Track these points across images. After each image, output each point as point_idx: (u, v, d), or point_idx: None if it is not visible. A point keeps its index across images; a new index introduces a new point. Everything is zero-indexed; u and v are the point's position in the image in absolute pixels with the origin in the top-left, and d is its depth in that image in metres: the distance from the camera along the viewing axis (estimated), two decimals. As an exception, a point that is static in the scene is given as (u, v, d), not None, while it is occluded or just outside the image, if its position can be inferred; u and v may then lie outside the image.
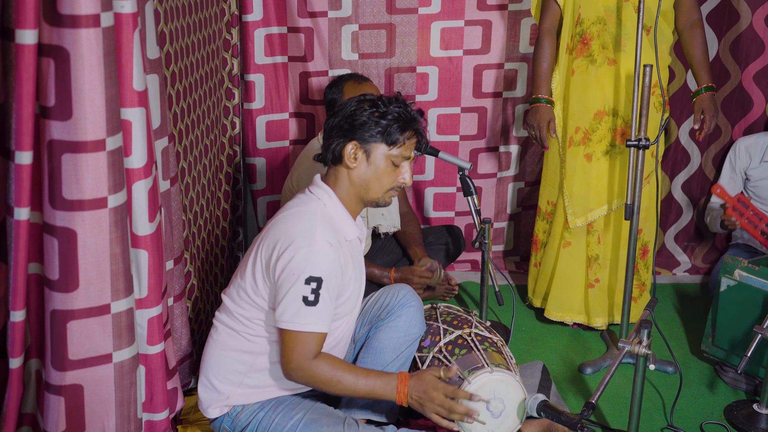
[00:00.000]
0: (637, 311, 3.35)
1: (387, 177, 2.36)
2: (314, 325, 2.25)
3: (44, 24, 1.88)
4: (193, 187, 2.99)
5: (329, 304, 2.27)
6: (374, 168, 2.35)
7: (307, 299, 2.23)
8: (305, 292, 2.22)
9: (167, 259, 2.50)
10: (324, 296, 2.24)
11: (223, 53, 3.50)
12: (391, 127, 2.32)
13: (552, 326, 3.48)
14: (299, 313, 2.24)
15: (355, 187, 2.37)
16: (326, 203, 2.35)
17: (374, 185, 2.37)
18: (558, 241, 3.38)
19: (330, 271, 2.25)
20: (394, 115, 2.33)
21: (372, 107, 2.34)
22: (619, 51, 3.13)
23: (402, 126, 2.33)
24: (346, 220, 2.38)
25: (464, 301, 3.73)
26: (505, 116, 3.93)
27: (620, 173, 3.22)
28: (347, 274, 2.34)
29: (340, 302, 2.35)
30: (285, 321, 2.25)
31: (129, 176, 2.14)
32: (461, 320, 2.70)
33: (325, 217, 2.32)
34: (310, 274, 2.22)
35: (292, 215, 2.33)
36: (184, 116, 2.84)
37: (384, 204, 2.42)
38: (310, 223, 2.28)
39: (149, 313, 2.28)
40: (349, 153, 2.33)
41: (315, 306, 2.24)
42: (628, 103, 3.14)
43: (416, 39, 3.76)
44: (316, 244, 2.23)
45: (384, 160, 2.35)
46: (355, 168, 2.35)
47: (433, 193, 4.01)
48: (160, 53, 2.36)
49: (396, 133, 2.32)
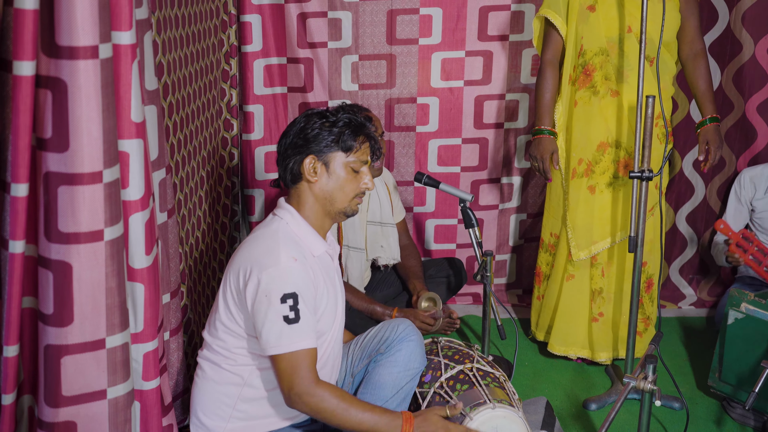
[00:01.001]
0: (642, 345, 3.34)
1: (349, 185, 2.39)
2: (302, 342, 2.24)
3: (42, 55, 1.89)
4: (190, 218, 2.99)
5: (311, 318, 2.27)
6: (335, 178, 2.38)
7: (288, 318, 2.22)
8: (284, 311, 2.22)
9: (164, 293, 2.49)
10: (303, 311, 2.24)
11: (222, 84, 3.52)
12: (344, 134, 2.35)
13: (555, 361, 3.46)
14: (283, 334, 2.22)
15: (320, 200, 2.39)
16: (288, 222, 2.38)
17: (338, 195, 2.39)
18: (561, 274, 3.37)
19: (302, 285, 2.25)
20: (344, 122, 2.37)
21: (321, 118, 2.38)
22: (622, 82, 3.14)
23: (354, 131, 2.37)
24: (311, 236, 2.39)
25: (466, 335, 3.72)
26: (507, 147, 3.94)
27: (624, 205, 3.22)
28: (319, 288, 2.34)
29: (317, 317, 2.34)
30: (272, 346, 2.24)
31: (126, 208, 2.14)
32: (463, 355, 2.69)
33: (287, 235, 2.34)
34: (283, 291, 2.22)
35: (255, 238, 2.36)
36: (182, 147, 2.85)
37: (352, 213, 2.44)
38: (271, 243, 2.30)
39: (145, 348, 2.27)
40: (307, 167, 2.36)
41: (298, 323, 2.23)
42: (631, 135, 3.15)
43: (417, 69, 3.79)
44: (281, 261, 2.24)
45: (343, 168, 2.37)
46: (317, 181, 2.37)
47: (434, 225, 4.01)
48: (158, 84, 2.37)
49: (349, 139, 2.36)
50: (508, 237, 4.09)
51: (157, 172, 2.39)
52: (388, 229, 3.48)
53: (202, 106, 3.15)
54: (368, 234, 3.44)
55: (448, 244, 4.03)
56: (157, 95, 2.34)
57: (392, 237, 3.49)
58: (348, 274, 3.39)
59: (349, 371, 2.65)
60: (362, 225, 3.42)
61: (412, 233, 3.98)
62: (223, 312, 2.36)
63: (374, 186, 2.44)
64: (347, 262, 3.38)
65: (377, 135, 3.25)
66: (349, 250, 3.36)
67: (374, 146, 2.44)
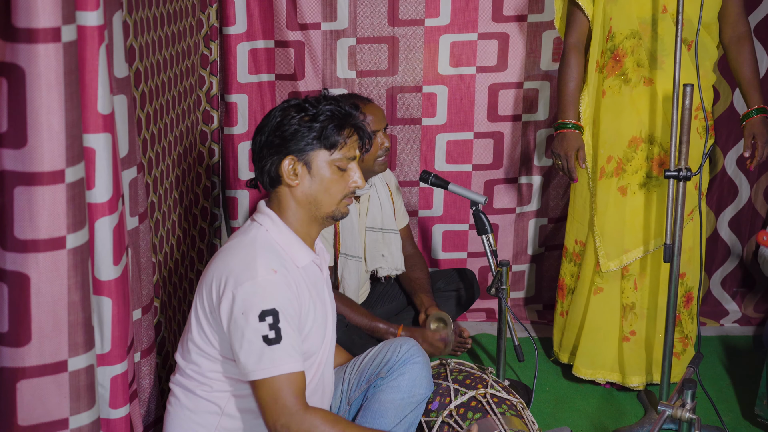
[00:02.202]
0: (680, 369, 3.34)
1: (336, 186, 2.37)
2: (286, 365, 2.22)
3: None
4: (164, 223, 2.99)
5: (295, 337, 2.25)
6: (319, 180, 2.35)
7: (268, 338, 2.21)
8: (262, 330, 2.21)
9: (134, 308, 2.49)
10: (286, 329, 2.22)
11: (201, 70, 3.53)
12: (327, 129, 2.32)
13: (581, 386, 3.47)
14: (264, 356, 2.21)
15: (303, 206, 2.37)
16: (269, 228, 2.36)
17: (324, 199, 2.37)
18: (588, 287, 3.37)
19: (283, 300, 2.24)
20: (326, 115, 2.34)
21: (300, 112, 2.35)
22: (656, 69, 3.15)
23: (338, 124, 2.34)
24: (295, 245, 2.37)
25: (478, 357, 3.72)
26: (525, 143, 3.94)
27: (659, 209, 3.22)
28: (304, 303, 2.33)
29: (302, 337, 2.32)
30: (251, 371, 2.23)
31: (91, 212, 2.14)
32: (475, 379, 2.69)
33: (267, 244, 2.32)
34: (261, 308, 2.21)
35: (230, 248, 2.35)
36: (155, 142, 2.86)
37: (341, 216, 2.42)
38: (248, 253, 2.29)
39: (112, 371, 2.26)
40: (287, 170, 2.34)
41: (279, 343, 2.21)
42: (666, 128, 3.16)
43: (422, 54, 3.79)
44: (259, 274, 2.23)
45: (328, 168, 2.35)
46: (298, 185, 2.35)
47: (442, 232, 4.01)
48: (128, 71, 2.37)
49: (333, 134, 2.33)
50: (526, 245, 4.09)
51: (128, 170, 2.39)
52: (390, 236, 3.48)
53: (178, 95, 3.15)
54: (367, 242, 3.44)
55: (458, 253, 4.03)
56: (127, 83, 2.34)
57: (394, 245, 3.49)
58: (344, 287, 3.39)
59: (345, 398, 2.64)
60: (360, 231, 3.42)
61: (417, 241, 3.98)
62: (195, 332, 2.35)
63: (365, 183, 2.42)
64: (344, 272, 3.37)
65: (381, 129, 3.25)
66: (347, 258, 3.36)
67: (363, 136, 2.41)
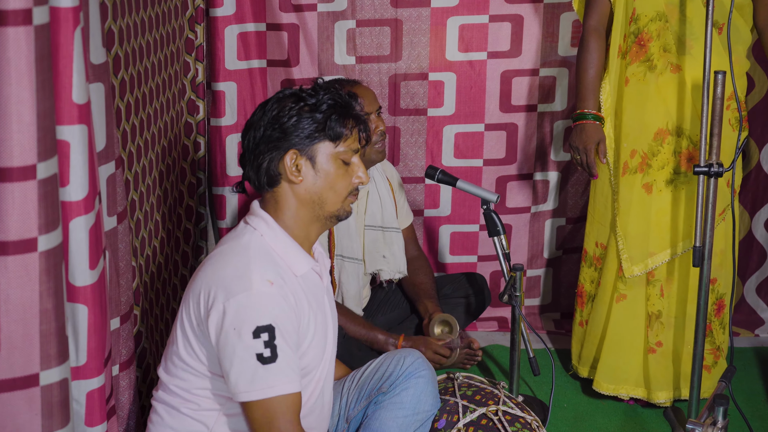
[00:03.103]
0: (711, 383, 3.34)
1: (341, 181, 2.38)
2: (282, 386, 2.23)
3: (-39, 21, 1.89)
4: (146, 224, 3.00)
5: (292, 355, 2.25)
6: (324, 175, 2.36)
7: (263, 356, 2.21)
8: (257, 348, 2.21)
9: (112, 317, 2.49)
10: (282, 347, 2.22)
11: (185, 56, 3.53)
12: (331, 119, 2.33)
13: (602, 402, 3.47)
14: (257, 376, 2.22)
15: (306, 204, 2.38)
16: (264, 233, 2.36)
17: (329, 196, 2.38)
18: (610, 294, 3.37)
19: (281, 315, 2.23)
20: (328, 104, 2.35)
21: (298, 101, 2.35)
22: (684, 54, 3.15)
23: (342, 114, 2.35)
24: (293, 252, 2.37)
25: (489, 370, 3.72)
26: (541, 135, 3.94)
27: (687, 208, 3.22)
28: (303, 315, 2.33)
29: (300, 353, 2.33)
30: (243, 392, 2.23)
31: (65, 211, 2.14)
32: (486, 395, 2.69)
33: (262, 251, 2.32)
34: (257, 324, 2.21)
35: (221, 254, 2.34)
36: (136, 135, 2.86)
37: (345, 215, 2.42)
38: (241, 261, 2.28)
39: (88, 386, 2.27)
40: (289, 166, 2.34)
41: (275, 362, 2.22)
42: (696, 120, 3.16)
43: (428, 38, 3.79)
44: (253, 286, 2.23)
45: (332, 161, 2.36)
46: (302, 181, 2.36)
47: (449, 233, 4.02)
48: (107, 56, 2.38)
49: (338, 124, 2.34)
50: (542, 247, 4.09)
51: (105, 165, 2.39)
52: (392, 235, 3.48)
53: (161, 83, 3.15)
54: (366, 241, 3.44)
55: (467, 256, 4.04)
56: (105, 70, 2.34)
57: (396, 245, 3.49)
58: (342, 292, 3.38)
59: (344, 415, 2.65)
60: (359, 230, 3.41)
61: (422, 242, 3.98)
62: (181, 345, 2.35)
63: (369, 179, 2.43)
64: (341, 275, 3.37)
65: (374, 112, 3.26)
66: (344, 260, 3.36)
67: (364, 129, 2.43)
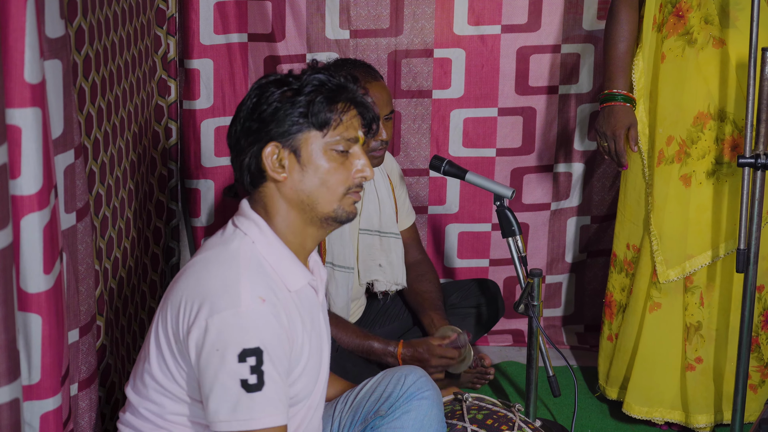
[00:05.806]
0: (757, 405, 3.34)
1: (335, 176, 2.33)
2: (266, 419, 2.22)
3: None
4: (114, 222, 2.99)
5: (280, 384, 2.24)
6: (312, 170, 2.31)
7: (247, 383, 2.20)
8: (242, 373, 2.20)
9: (70, 328, 2.49)
10: (270, 373, 2.21)
11: (156, 29, 3.53)
12: (314, 103, 2.28)
13: (633, 427, 3.47)
14: (240, 405, 2.21)
15: (296, 206, 2.34)
16: (255, 240, 2.33)
17: (321, 195, 2.33)
18: (643, 303, 3.38)
19: (271, 337, 2.22)
20: (313, 85, 2.30)
21: (281, 86, 2.31)
22: (728, 27, 3.15)
23: (329, 96, 2.30)
24: (287, 263, 2.35)
25: (503, 390, 3.72)
26: (563, 121, 3.94)
27: (730, 204, 3.22)
28: (296, 338, 2.32)
29: (290, 380, 2.32)
30: (222, 421, 2.22)
31: (16, 207, 2.14)
32: (498, 419, 2.69)
33: (254, 261, 2.29)
34: (243, 346, 2.20)
35: (206, 261, 2.32)
36: (103, 119, 2.86)
37: (346, 217, 2.37)
38: (230, 273, 2.26)
39: (43, 407, 2.27)
40: (270, 161, 2.31)
41: (261, 390, 2.21)
42: (741, 103, 3.16)
43: (434, 9, 3.79)
44: (242, 302, 2.21)
45: (322, 153, 2.31)
46: (286, 178, 2.32)
47: (458, 233, 4.02)
48: (66, 29, 2.37)
49: (323, 109, 2.29)
50: (564, 250, 4.09)
51: (63, 155, 2.39)
52: (390, 241, 3.47)
53: (131, 60, 3.15)
54: (360, 247, 3.43)
55: (478, 260, 4.04)
56: (64, 45, 2.33)
57: (395, 252, 3.48)
58: (330, 303, 3.38)
59: (333, 440, 2.65)
60: (352, 234, 3.40)
61: (426, 244, 3.98)
62: (155, 364, 2.34)
63: (373, 174, 2.39)
64: (329, 286, 3.36)
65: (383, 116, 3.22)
66: (334, 269, 3.35)
67: (366, 114, 2.39)
